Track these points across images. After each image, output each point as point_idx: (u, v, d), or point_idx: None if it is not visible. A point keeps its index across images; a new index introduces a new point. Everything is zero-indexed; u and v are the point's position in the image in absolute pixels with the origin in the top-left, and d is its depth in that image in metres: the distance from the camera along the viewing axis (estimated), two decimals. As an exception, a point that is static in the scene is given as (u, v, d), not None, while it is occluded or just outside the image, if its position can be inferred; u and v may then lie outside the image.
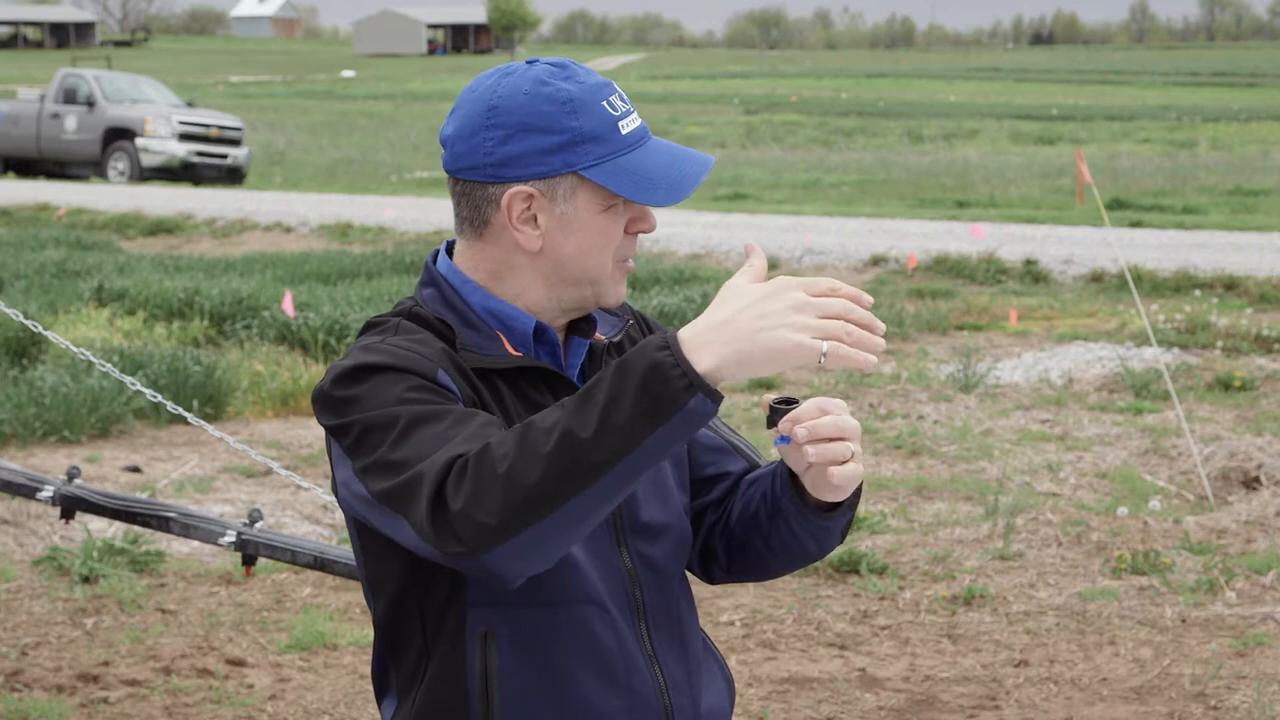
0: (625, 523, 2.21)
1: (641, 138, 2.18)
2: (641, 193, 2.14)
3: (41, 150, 29.74)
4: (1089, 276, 15.79)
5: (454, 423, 2.00)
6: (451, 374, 2.11)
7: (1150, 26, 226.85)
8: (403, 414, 2.02)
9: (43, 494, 4.86)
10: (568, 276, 2.19)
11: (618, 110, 2.16)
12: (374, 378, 2.07)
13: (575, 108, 2.14)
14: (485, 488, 1.91)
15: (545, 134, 2.13)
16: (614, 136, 2.15)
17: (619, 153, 2.15)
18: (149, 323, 12.14)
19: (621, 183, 2.14)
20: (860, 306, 1.91)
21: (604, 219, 2.17)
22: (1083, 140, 41.03)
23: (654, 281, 14.14)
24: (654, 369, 1.87)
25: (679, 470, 2.33)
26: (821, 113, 55.20)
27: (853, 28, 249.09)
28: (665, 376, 1.87)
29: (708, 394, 1.87)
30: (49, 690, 5.58)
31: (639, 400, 1.87)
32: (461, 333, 2.17)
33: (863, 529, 7.38)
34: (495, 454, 1.91)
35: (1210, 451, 8.41)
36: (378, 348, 2.10)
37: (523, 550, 1.93)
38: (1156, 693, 5.57)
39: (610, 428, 1.88)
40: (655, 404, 1.87)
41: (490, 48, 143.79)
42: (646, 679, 2.19)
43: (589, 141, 2.14)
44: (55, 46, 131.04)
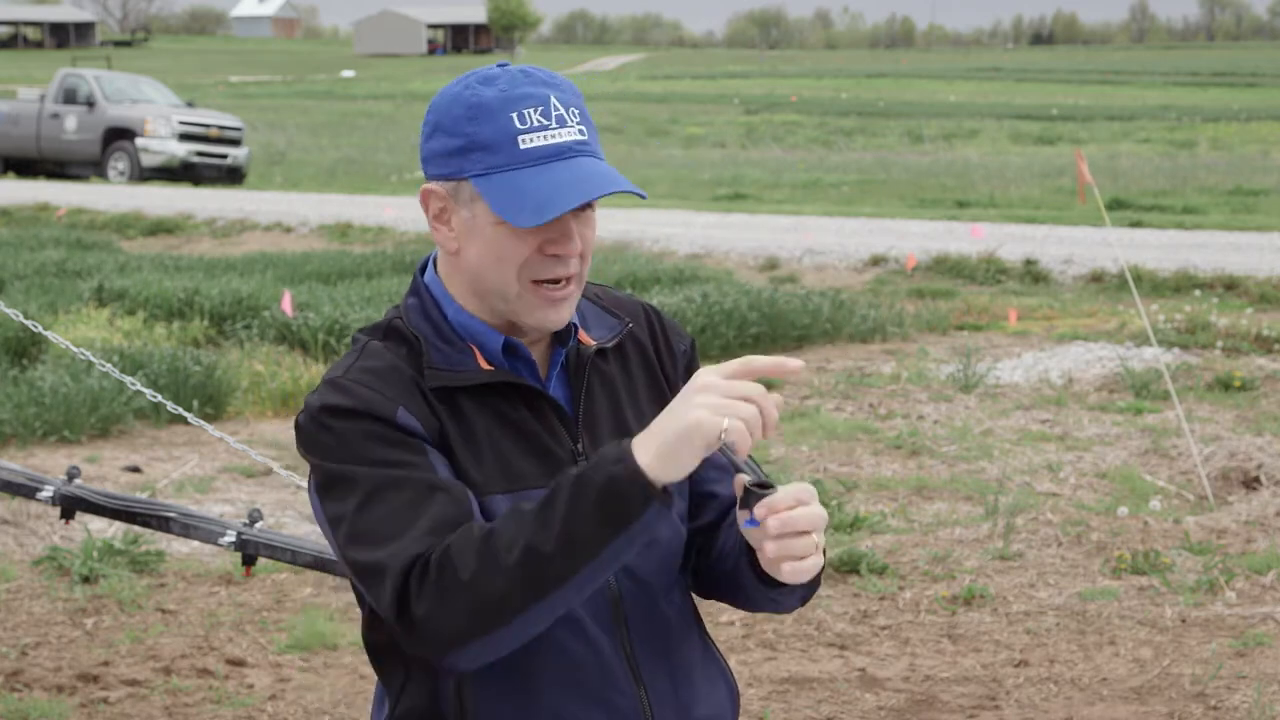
0: None
1: (552, 155, 2.10)
2: (508, 209, 2.09)
3: (41, 150, 29.75)
4: (1089, 276, 15.79)
5: (412, 500, 2.05)
6: (415, 408, 2.11)
7: (1150, 26, 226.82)
8: (361, 480, 2.07)
9: (43, 494, 4.86)
10: (479, 287, 2.17)
11: (528, 124, 2.10)
12: (336, 424, 2.10)
13: (477, 114, 2.11)
14: (448, 597, 1.99)
15: (449, 136, 2.14)
16: (508, 148, 2.10)
17: (508, 167, 2.10)
18: (149, 323, 12.14)
19: (496, 196, 2.10)
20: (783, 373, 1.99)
21: (498, 232, 2.12)
22: (1083, 140, 41.03)
23: (654, 281, 14.15)
24: (611, 484, 1.94)
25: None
26: (821, 113, 55.21)
27: (853, 28, 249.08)
28: (622, 492, 1.94)
29: (662, 501, 1.95)
30: (49, 690, 5.58)
31: (598, 515, 1.94)
32: (431, 349, 2.16)
33: (863, 529, 7.38)
34: (457, 561, 1.98)
35: (1210, 451, 8.41)
36: (341, 384, 2.12)
37: (485, 650, 2.03)
38: (1156, 693, 5.57)
39: (571, 543, 1.95)
40: (614, 518, 1.94)
41: (490, 48, 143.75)
42: (626, 692, 2.17)
43: (480, 150, 2.11)
44: (55, 46, 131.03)
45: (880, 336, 12.65)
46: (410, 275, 14.10)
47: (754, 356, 1.99)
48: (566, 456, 2.17)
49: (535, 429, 2.17)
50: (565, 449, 2.18)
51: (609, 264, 15.18)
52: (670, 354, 2.36)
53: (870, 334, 12.65)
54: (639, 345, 2.32)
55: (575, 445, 2.19)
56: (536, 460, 2.16)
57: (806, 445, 9.00)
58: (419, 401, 2.12)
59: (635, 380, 2.30)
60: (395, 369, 2.14)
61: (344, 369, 2.15)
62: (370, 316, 11.45)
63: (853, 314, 12.82)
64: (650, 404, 2.28)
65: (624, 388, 2.28)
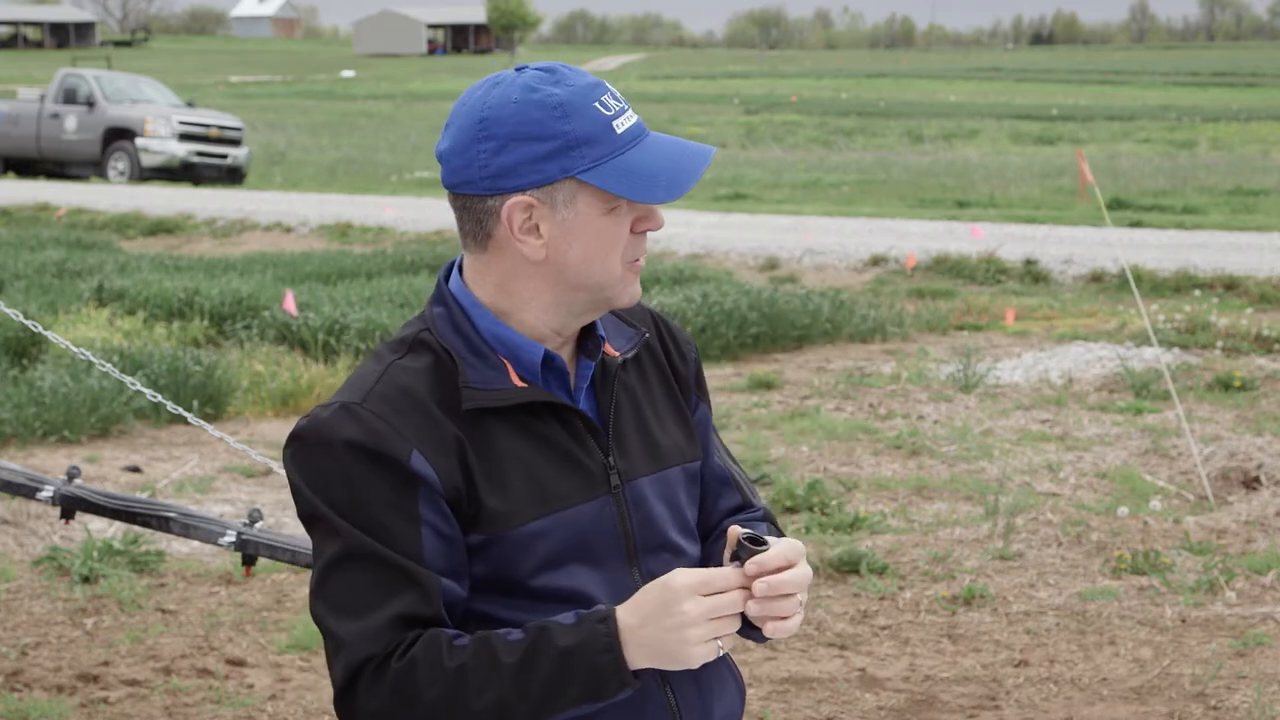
0: (639, 543, 2.20)
1: (638, 135, 2.14)
2: (642, 191, 2.11)
3: (41, 150, 29.74)
4: (1089, 276, 15.79)
5: (385, 583, 2.05)
6: (432, 447, 2.08)
7: (1150, 26, 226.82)
8: (343, 536, 2.07)
9: (43, 494, 4.86)
10: (575, 283, 2.16)
11: (610, 110, 2.13)
12: (343, 456, 2.07)
13: (566, 112, 2.11)
14: (402, 711, 2.03)
15: (538, 141, 2.10)
16: (609, 137, 2.11)
17: (616, 153, 2.11)
18: (149, 323, 12.14)
19: (621, 183, 2.11)
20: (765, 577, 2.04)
21: (607, 221, 2.13)
22: (1083, 140, 41.04)
23: (654, 281, 14.14)
24: (594, 673, 2.02)
25: (690, 485, 2.31)
26: (821, 113, 55.21)
27: (853, 28, 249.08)
28: (605, 680, 2.03)
29: (635, 687, 2.06)
30: (49, 690, 5.58)
31: (576, 693, 2.03)
32: (466, 366, 2.13)
33: (863, 529, 7.38)
34: (421, 679, 2.02)
35: (1210, 451, 8.41)
36: (358, 414, 2.08)
37: None
38: (1156, 693, 5.57)
39: (543, 709, 2.03)
40: (590, 696, 2.04)
41: (490, 48, 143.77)
42: (657, 701, 2.18)
43: (584, 144, 2.10)
44: (55, 46, 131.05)
45: (880, 336, 12.65)
46: (411, 275, 13.97)
47: (730, 574, 2.04)
48: (599, 470, 2.17)
49: (568, 445, 2.16)
50: (597, 462, 2.18)
51: (609, 264, 15.18)
52: (684, 361, 2.37)
53: (870, 334, 12.65)
54: (653, 354, 2.33)
55: (607, 458, 2.18)
56: (570, 476, 2.15)
57: (806, 445, 9.00)
58: (440, 437, 2.09)
59: (653, 389, 2.30)
60: (418, 398, 2.10)
61: (363, 393, 2.10)
62: (370, 317, 11.45)
63: (853, 314, 12.82)
64: (668, 412, 2.30)
65: (644, 397, 2.28)
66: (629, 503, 2.19)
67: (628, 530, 2.19)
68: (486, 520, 2.09)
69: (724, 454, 2.40)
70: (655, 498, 2.23)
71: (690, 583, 2.00)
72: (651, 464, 2.23)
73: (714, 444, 2.38)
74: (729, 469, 2.38)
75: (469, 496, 2.09)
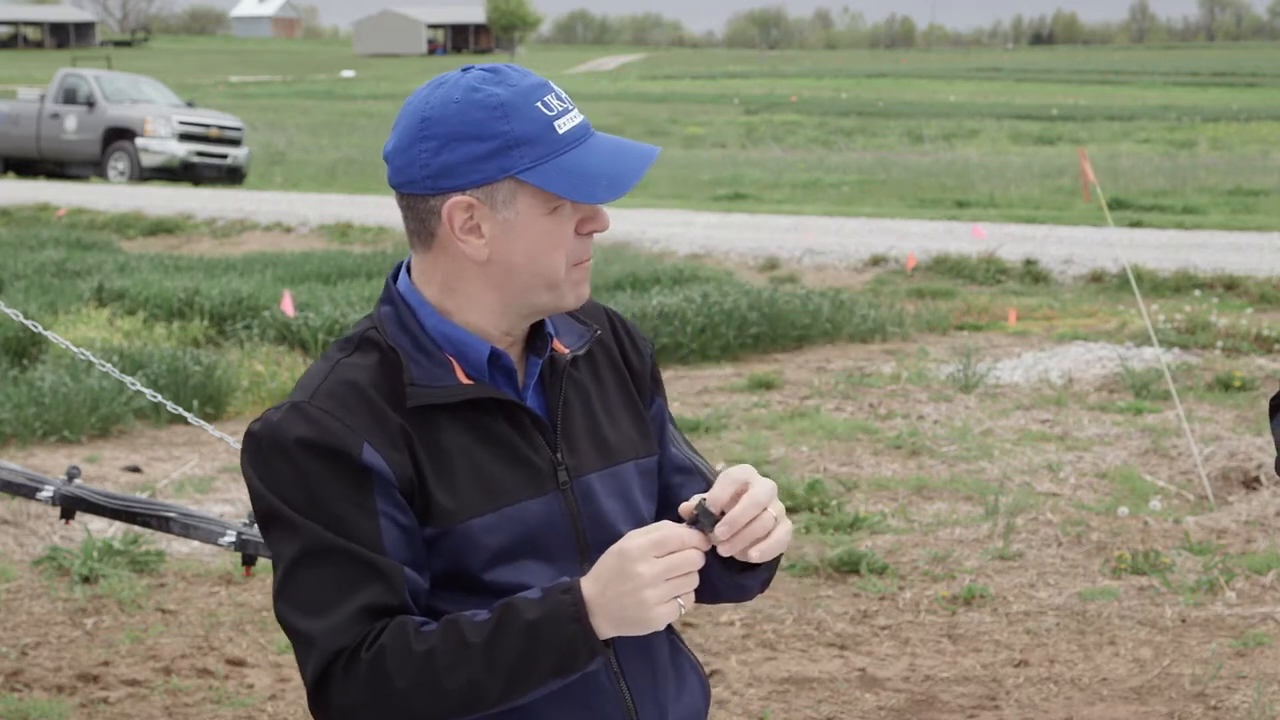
0: (590, 541, 2.19)
1: (581, 136, 2.14)
2: (582, 191, 2.11)
3: (41, 150, 29.74)
4: (1089, 276, 15.79)
5: (347, 577, 2.05)
6: (382, 440, 2.08)
7: (1150, 26, 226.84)
8: (303, 533, 2.06)
9: (43, 494, 4.87)
10: (520, 284, 2.15)
11: (553, 110, 2.12)
12: (295, 455, 2.07)
13: (507, 112, 2.10)
14: (377, 700, 2.03)
15: (478, 141, 2.10)
16: (550, 137, 2.11)
17: (556, 153, 2.11)
18: (149, 323, 12.14)
19: (560, 183, 2.11)
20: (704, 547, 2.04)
21: (549, 222, 2.13)
22: (1083, 140, 41.03)
23: (654, 281, 14.14)
24: (564, 646, 2.02)
25: (646, 480, 2.30)
26: (821, 113, 55.20)
27: (853, 28, 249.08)
28: (575, 652, 2.03)
29: (604, 654, 2.06)
30: (49, 690, 5.58)
31: (547, 666, 2.03)
32: (411, 363, 2.14)
33: (863, 529, 7.38)
34: (391, 667, 2.02)
35: (1210, 451, 8.41)
36: (307, 412, 2.08)
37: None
38: (1156, 693, 5.57)
39: (514, 684, 2.03)
40: (562, 669, 2.04)
41: (490, 48, 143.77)
42: (610, 696, 2.18)
43: (523, 144, 2.10)
44: (55, 46, 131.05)
45: (880, 336, 12.65)
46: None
47: (683, 533, 2.04)
48: (547, 466, 2.17)
49: (515, 441, 2.16)
50: (545, 459, 2.17)
51: (609, 264, 15.18)
52: (639, 357, 2.36)
53: (870, 334, 12.65)
54: (607, 351, 2.32)
55: (555, 455, 2.18)
56: (518, 473, 2.15)
57: (806, 445, 9.00)
58: (391, 433, 2.10)
59: (606, 386, 2.30)
60: (365, 393, 2.11)
61: (310, 391, 2.12)
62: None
63: (853, 314, 12.82)
64: (622, 408, 2.29)
65: (596, 394, 2.28)
66: (578, 499, 2.19)
67: (578, 527, 2.18)
68: (436, 514, 2.09)
69: (684, 445, 2.39)
70: (606, 494, 2.22)
71: (642, 544, 2.00)
72: (602, 460, 2.23)
73: (672, 436, 2.37)
74: (690, 459, 2.38)
75: (420, 489, 2.10)
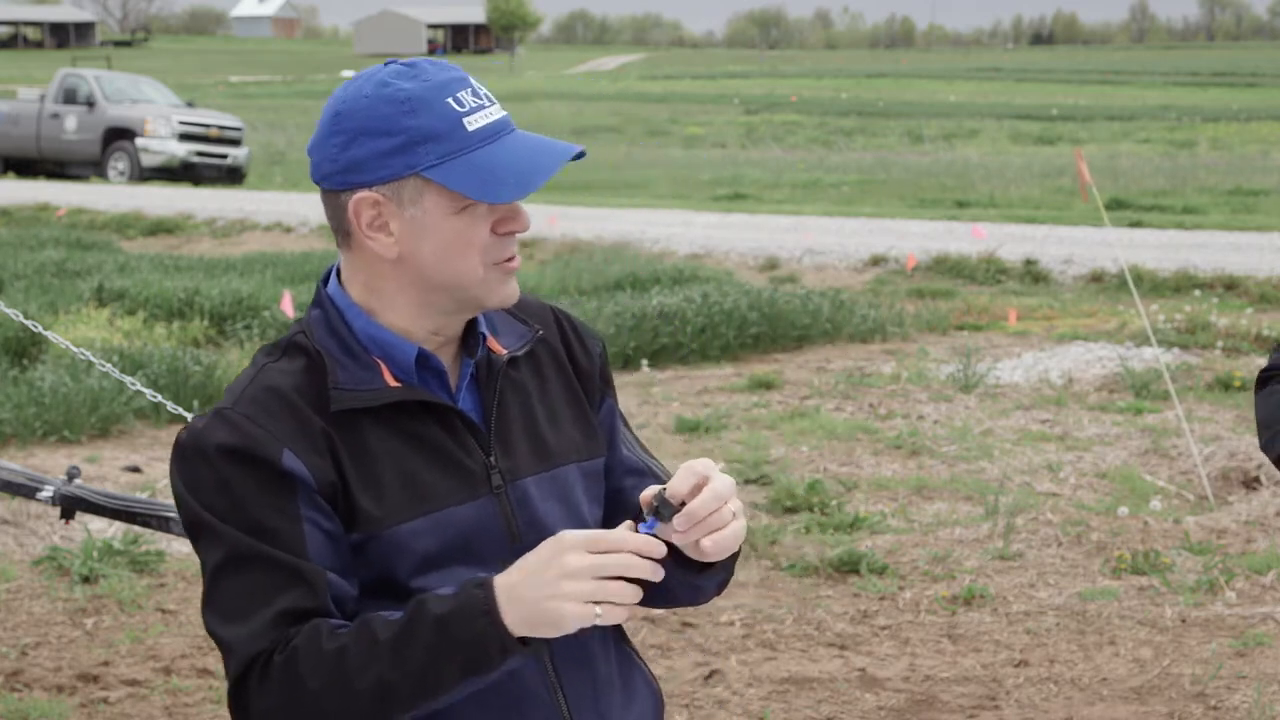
0: (526, 545, 2.09)
1: (495, 133, 2.07)
2: (486, 190, 2.05)
3: (41, 150, 29.74)
4: (1089, 276, 15.79)
5: (269, 582, 2.00)
6: (305, 446, 2.04)
7: (1150, 26, 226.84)
8: (225, 540, 2.02)
9: (43, 494, 4.86)
10: (434, 283, 2.10)
11: (465, 106, 2.07)
12: (217, 463, 2.04)
13: (414, 107, 2.05)
14: (291, 703, 1.97)
15: (385, 136, 2.06)
16: (457, 133, 2.05)
17: (463, 150, 2.05)
18: (149, 323, 12.14)
19: (464, 180, 2.05)
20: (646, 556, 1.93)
21: (459, 221, 2.07)
22: (1083, 140, 41.03)
23: (654, 281, 14.14)
24: (474, 641, 1.94)
25: (591, 483, 2.24)
26: (821, 113, 55.20)
27: (853, 28, 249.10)
28: (485, 648, 1.94)
29: (521, 654, 1.96)
30: (49, 690, 5.58)
31: (458, 664, 1.94)
32: (337, 367, 2.09)
33: (863, 529, 7.38)
34: (304, 669, 1.96)
35: (1210, 451, 8.41)
36: (229, 418, 2.05)
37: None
38: (1156, 693, 5.57)
39: (426, 684, 1.95)
40: (473, 668, 1.95)
41: (490, 48, 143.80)
42: (545, 705, 2.13)
43: (429, 140, 2.05)
44: (55, 46, 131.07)
45: (880, 336, 12.65)
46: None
47: (625, 535, 1.95)
48: (479, 470, 2.12)
49: (446, 444, 2.11)
50: (478, 462, 2.12)
51: (609, 264, 15.18)
52: (587, 356, 2.30)
53: (870, 334, 12.65)
54: (551, 351, 2.26)
55: (488, 458, 2.13)
56: (449, 477, 2.10)
57: (806, 445, 9.00)
58: (312, 438, 2.05)
59: (549, 386, 2.24)
60: (287, 398, 2.07)
61: (235, 397, 2.09)
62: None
63: (853, 314, 12.81)
64: (566, 409, 2.24)
65: (537, 395, 2.22)
66: (514, 503, 2.13)
67: (513, 531, 2.13)
68: (361, 520, 2.05)
69: (637, 446, 2.33)
70: (544, 497, 2.16)
71: (579, 537, 1.93)
72: (540, 463, 2.17)
73: (623, 437, 2.32)
74: (643, 461, 2.32)
75: (344, 494, 2.05)
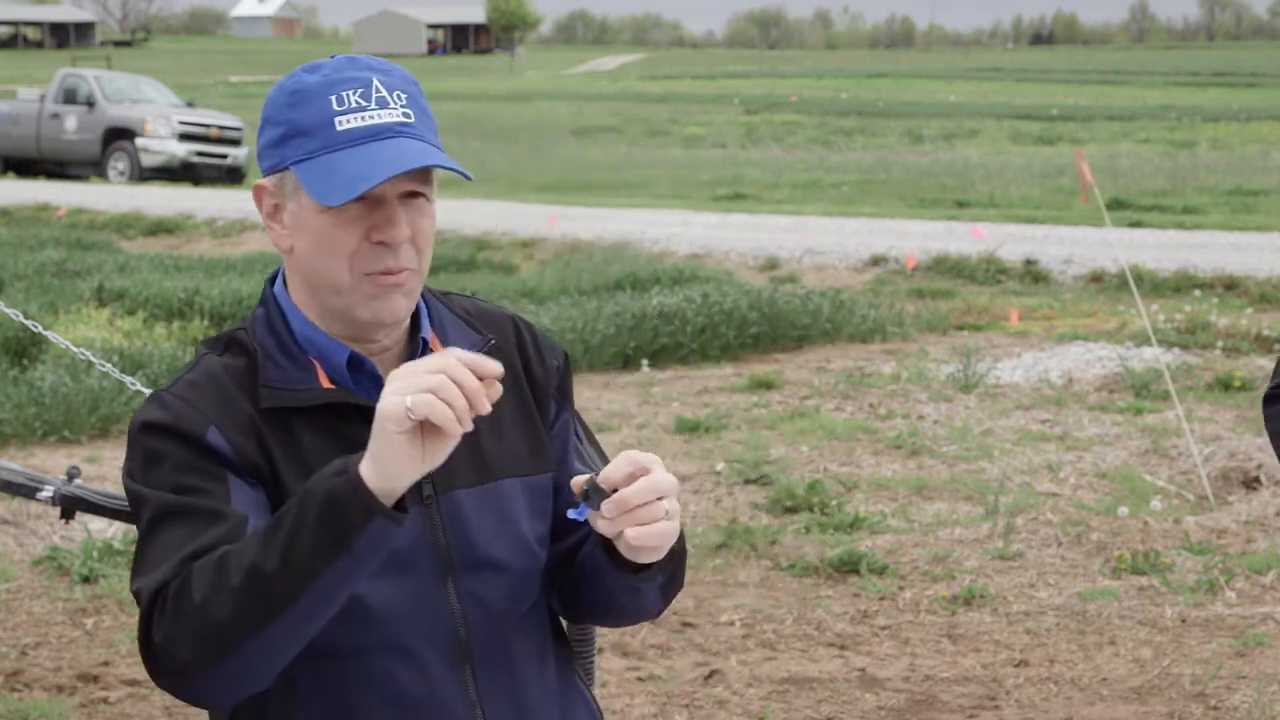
0: (456, 559, 2.08)
1: (367, 136, 2.02)
2: (319, 190, 2.02)
3: (41, 150, 29.74)
4: (1089, 276, 15.79)
5: (190, 530, 1.96)
6: (231, 428, 2.02)
7: (1150, 26, 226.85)
8: (151, 503, 2.00)
9: (43, 494, 4.85)
10: (314, 283, 2.09)
11: (346, 105, 2.03)
12: (145, 439, 2.04)
13: (298, 100, 2.05)
14: (181, 623, 1.90)
15: (274, 126, 2.07)
16: (326, 132, 2.03)
17: (327, 149, 2.02)
18: (149, 323, 12.14)
19: (314, 180, 2.02)
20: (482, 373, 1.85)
21: (325, 221, 2.04)
22: (1083, 140, 41.01)
23: (654, 281, 14.14)
24: (330, 498, 1.84)
25: (536, 499, 2.17)
26: (821, 113, 55.16)
27: (853, 28, 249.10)
28: (342, 505, 1.84)
29: (387, 516, 1.84)
30: (49, 690, 5.58)
31: (320, 532, 1.84)
32: (270, 364, 2.08)
33: (863, 529, 7.38)
34: (194, 585, 1.89)
35: (1210, 451, 8.41)
36: (161, 399, 2.06)
37: (223, 681, 1.92)
38: (1156, 693, 5.58)
39: (294, 561, 1.85)
40: (336, 534, 1.84)
41: (490, 48, 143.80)
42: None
43: (301, 135, 2.04)
44: (55, 46, 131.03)
45: (880, 336, 12.65)
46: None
47: (453, 349, 1.87)
48: None
49: None
50: None
51: (609, 264, 15.18)
52: (543, 368, 2.25)
53: (870, 334, 12.65)
54: (505, 361, 2.18)
55: None
56: None
57: (806, 445, 9.00)
58: (240, 421, 2.04)
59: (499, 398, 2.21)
60: (222, 385, 2.07)
61: (172, 382, 2.10)
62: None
63: (853, 314, 12.81)
64: (514, 422, 2.18)
65: None
66: (444, 514, 2.08)
67: (441, 543, 2.07)
68: None
69: (598, 462, 2.26)
70: (479, 510, 2.10)
71: (463, 355, 1.85)
72: (477, 475, 2.11)
73: (579, 453, 2.25)
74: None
75: (274, 480, 2.03)
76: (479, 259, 16.78)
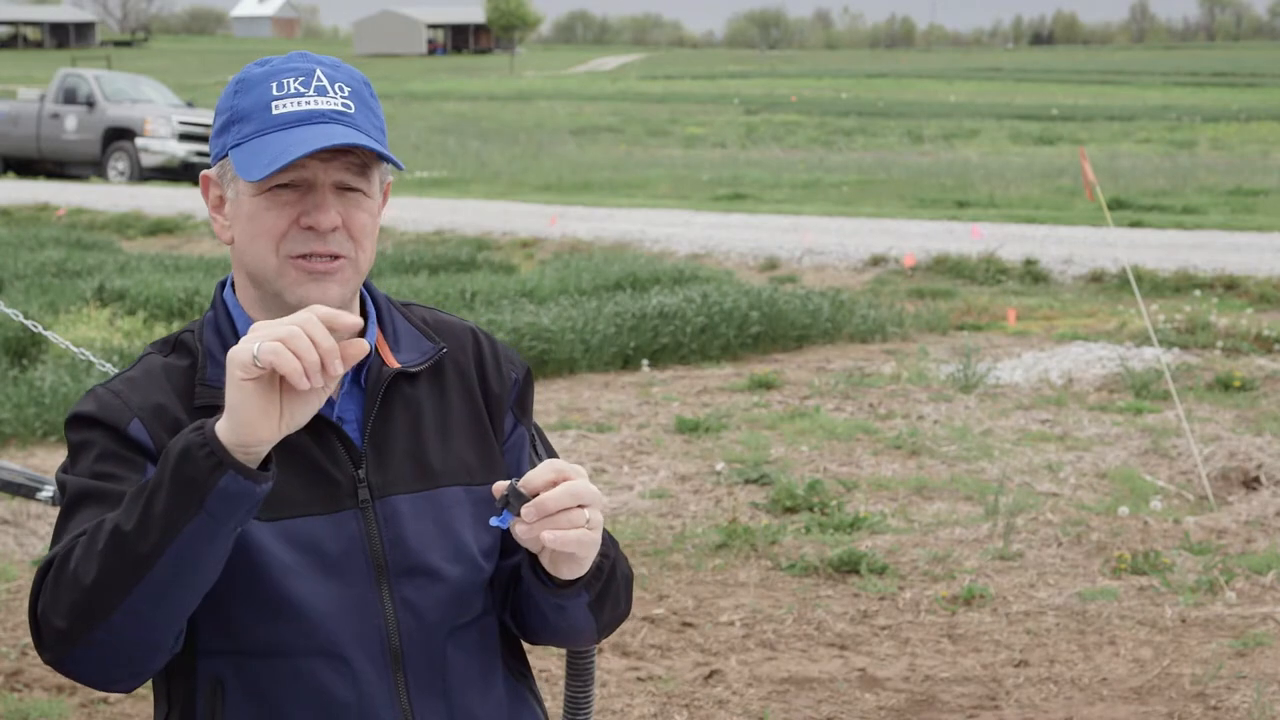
0: (390, 564, 2.06)
1: (300, 120, 2.04)
2: (244, 167, 2.03)
3: (41, 150, 29.75)
4: (1089, 276, 15.78)
5: (99, 513, 1.94)
6: (157, 423, 2.01)
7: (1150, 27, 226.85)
8: (70, 488, 2.01)
9: (43, 494, 4.87)
10: (248, 271, 2.09)
11: (284, 91, 2.05)
12: (73, 431, 2.06)
13: (242, 88, 2.08)
14: (58, 592, 1.90)
15: (220, 115, 2.10)
16: (262, 115, 2.05)
17: (262, 132, 2.04)
18: (149, 323, 12.14)
19: (244, 160, 2.04)
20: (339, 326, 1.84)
21: (257, 204, 2.05)
22: (1083, 140, 41.00)
23: (654, 281, 14.13)
24: (184, 452, 1.82)
25: (480, 508, 2.14)
26: (821, 113, 55.16)
27: (853, 28, 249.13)
28: (193, 457, 1.81)
29: (241, 471, 1.81)
30: (49, 690, 5.58)
31: (173, 487, 1.82)
32: (211, 364, 2.08)
33: (863, 529, 7.38)
34: (74, 555, 1.89)
35: (1210, 451, 8.41)
36: (94, 392, 2.07)
37: (97, 656, 1.91)
38: (1156, 693, 5.57)
39: (151, 518, 1.82)
40: (188, 488, 1.81)
41: (490, 48, 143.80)
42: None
43: (240, 121, 2.06)
44: (55, 46, 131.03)
45: (880, 336, 12.65)
46: (411, 275, 14.04)
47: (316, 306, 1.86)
48: (346, 482, 2.07)
49: (314, 453, 2.05)
50: (346, 474, 2.07)
51: (609, 264, 15.18)
52: (500, 381, 2.23)
53: (870, 334, 12.65)
54: (460, 370, 2.20)
55: (357, 470, 2.07)
56: (312, 486, 2.04)
57: (806, 445, 9.00)
58: (167, 418, 2.03)
59: (449, 406, 2.17)
60: (156, 382, 2.07)
61: (109, 379, 2.11)
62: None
63: (853, 314, 12.82)
64: (464, 431, 2.16)
65: (432, 413, 2.15)
66: (380, 519, 2.06)
67: (375, 548, 2.06)
68: None
69: None
70: (417, 516, 2.08)
71: (323, 311, 1.84)
72: (419, 482, 2.09)
73: (532, 466, 2.19)
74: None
75: None
76: (479, 259, 16.77)
